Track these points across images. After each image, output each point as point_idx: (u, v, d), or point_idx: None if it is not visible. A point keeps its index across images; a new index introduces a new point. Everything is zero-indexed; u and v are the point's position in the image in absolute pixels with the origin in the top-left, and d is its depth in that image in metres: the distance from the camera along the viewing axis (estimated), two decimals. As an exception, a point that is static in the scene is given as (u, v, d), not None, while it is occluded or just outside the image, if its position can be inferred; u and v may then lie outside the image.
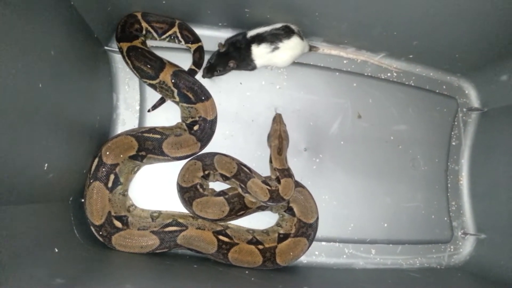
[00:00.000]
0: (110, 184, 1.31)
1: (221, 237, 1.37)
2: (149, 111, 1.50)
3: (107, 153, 1.30)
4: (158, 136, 1.36)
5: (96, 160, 1.30)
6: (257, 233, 1.46)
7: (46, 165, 0.99)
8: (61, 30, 1.01)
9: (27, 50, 0.83)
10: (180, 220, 1.38)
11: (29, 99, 0.85)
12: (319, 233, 1.57)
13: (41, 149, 0.97)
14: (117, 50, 1.43)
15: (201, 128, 1.40)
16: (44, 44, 0.91)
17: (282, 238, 1.44)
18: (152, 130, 1.39)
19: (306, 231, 1.44)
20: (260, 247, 1.40)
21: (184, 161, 1.42)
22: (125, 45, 1.37)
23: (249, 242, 1.41)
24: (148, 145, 1.34)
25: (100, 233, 1.28)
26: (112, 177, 1.31)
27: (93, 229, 1.29)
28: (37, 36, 0.87)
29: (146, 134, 1.36)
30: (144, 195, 1.47)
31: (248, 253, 1.37)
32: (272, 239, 1.44)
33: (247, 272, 1.37)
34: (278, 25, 1.48)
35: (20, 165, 0.89)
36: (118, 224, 1.31)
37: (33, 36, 0.85)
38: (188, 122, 1.42)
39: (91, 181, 1.29)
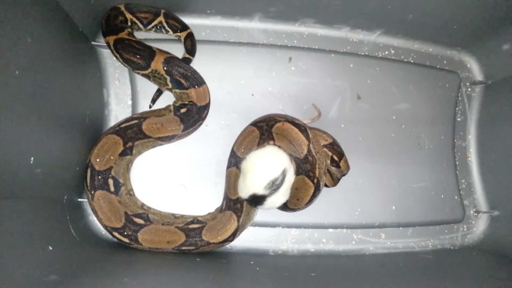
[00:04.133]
0: (112, 189, 1.29)
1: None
2: (150, 106, 1.46)
3: (97, 160, 1.28)
4: (136, 121, 1.33)
5: (89, 170, 1.27)
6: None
7: (32, 158, 0.95)
8: (39, 19, 0.97)
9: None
10: (199, 218, 1.37)
11: (4, 85, 0.81)
12: (325, 220, 1.53)
13: (25, 141, 0.93)
14: (105, 45, 1.39)
15: (188, 111, 1.36)
16: (18, 29, 0.87)
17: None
18: (129, 118, 1.36)
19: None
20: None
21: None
22: (111, 39, 1.34)
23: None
24: (130, 134, 1.31)
25: (125, 233, 1.26)
26: (111, 181, 1.29)
27: (116, 234, 1.26)
28: (10, 20, 0.84)
29: (124, 125, 1.33)
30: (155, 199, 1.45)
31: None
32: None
33: (252, 262, 1.32)
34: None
35: (2, 156, 0.85)
36: (139, 221, 1.29)
37: (5, 19, 0.82)
38: (177, 104, 1.38)
39: (92, 192, 1.26)
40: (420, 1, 1.43)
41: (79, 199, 1.33)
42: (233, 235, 1.34)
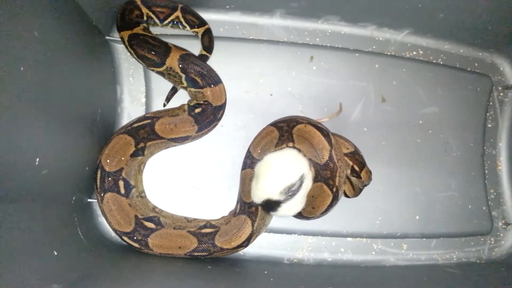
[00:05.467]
0: (123, 191, 1.24)
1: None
2: (164, 105, 1.41)
3: (108, 161, 1.23)
4: (149, 121, 1.27)
5: (99, 171, 1.23)
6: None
7: (37, 159, 0.90)
8: (48, 11, 0.92)
9: (2, 27, 0.74)
10: (213, 222, 1.32)
11: (6, 81, 0.76)
12: (344, 228, 1.46)
13: (30, 141, 0.88)
14: (119, 40, 1.34)
15: (202, 111, 1.30)
16: (24, 23, 0.82)
17: None
18: (141, 117, 1.30)
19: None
20: None
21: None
22: (126, 34, 1.28)
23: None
24: (142, 134, 1.26)
25: (135, 238, 1.21)
26: (121, 183, 1.24)
27: (126, 239, 1.22)
28: (15, 13, 0.78)
29: (136, 124, 1.27)
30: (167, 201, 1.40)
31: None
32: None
33: (266, 272, 1.26)
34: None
35: (5, 157, 0.80)
36: (150, 225, 1.24)
37: (9, 12, 0.76)
38: (191, 104, 1.32)
39: (102, 194, 1.22)
40: (453, 0, 1.33)
41: (89, 200, 1.29)
42: (247, 241, 1.27)
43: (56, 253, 0.96)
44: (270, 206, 1.22)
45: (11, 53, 0.77)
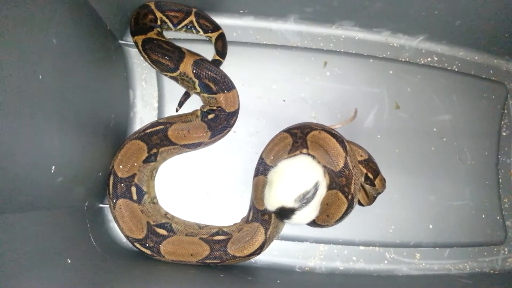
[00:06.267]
0: (135, 197, 1.23)
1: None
2: (177, 110, 1.40)
3: (120, 167, 1.22)
4: (162, 126, 1.26)
5: (111, 177, 1.21)
6: None
7: (53, 167, 0.89)
8: (66, 17, 0.91)
9: (21, 35, 0.73)
10: (225, 229, 1.30)
11: (27, 91, 0.75)
12: (356, 237, 1.44)
13: (46, 150, 0.87)
14: (133, 44, 1.33)
15: (216, 117, 1.29)
16: (43, 31, 0.81)
17: None
18: (154, 123, 1.29)
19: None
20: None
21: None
22: (140, 39, 1.28)
23: None
24: (155, 140, 1.25)
25: (147, 245, 1.20)
26: (134, 189, 1.23)
27: (138, 245, 1.21)
28: (34, 21, 0.77)
29: (149, 130, 1.26)
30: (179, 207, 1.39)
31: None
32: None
33: (278, 281, 1.24)
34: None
35: (22, 168, 0.79)
36: (162, 231, 1.23)
37: (29, 21, 0.75)
38: (204, 110, 1.31)
39: (114, 201, 1.21)
40: (472, 7, 1.32)
41: (100, 205, 1.28)
42: (260, 249, 1.26)
43: (69, 261, 0.95)
44: (284, 213, 1.20)
45: (31, 62, 0.76)
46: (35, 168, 0.83)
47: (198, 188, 1.41)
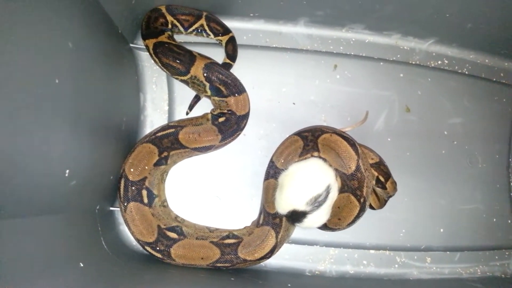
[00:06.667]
0: (146, 200, 1.23)
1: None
2: (187, 113, 1.40)
3: (131, 170, 1.22)
4: (172, 130, 1.26)
5: (122, 181, 1.21)
6: None
7: (67, 171, 0.89)
8: (80, 21, 0.92)
9: (40, 40, 0.73)
10: (235, 233, 1.30)
11: (44, 96, 0.75)
12: (367, 240, 1.43)
13: (61, 154, 0.87)
14: (144, 47, 1.33)
15: (226, 120, 1.29)
16: (60, 34, 0.81)
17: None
18: (165, 126, 1.29)
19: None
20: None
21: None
22: (151, 42, 1.28)
23: None
24: (166, 143, 1.24)
25: (157, 248, 1.20)
26: (144, 192, 1.23)
27: (148, 249, 1.21)
28: (52, 25, 0.77)
29: (160, 133, 1.25)
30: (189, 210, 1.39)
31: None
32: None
33: (289, 285, 1.24)
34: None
35: (38, 172, 0.79)
36: (173, 235, 1.23)
37: (47, 25, 0.75)
38: (215, 113, 1.31)
39: (125, 204, 1.21)
40: (483, 10, 1.31)
41: (110, 208, 1.28)
42: (271, 252, 1.26)
43: (82, 265, 0.95)
44: (296, 217, 1.20)
45: (49, 66, 0.76)
46: (50, 172, 0.83)
47: (208, 191, 1.41)
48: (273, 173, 1.30)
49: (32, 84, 0.71)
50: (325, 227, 1.27)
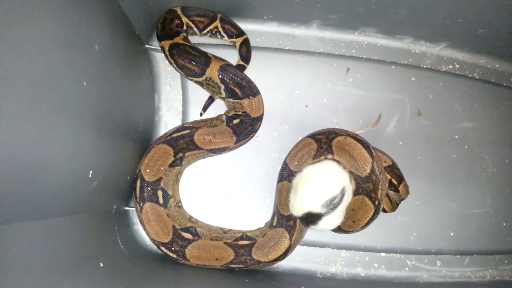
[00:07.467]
0: (161, 201, 1.24)
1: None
2: (201, 114, 1.41)
3: (147, 170, 1.22)
4: (188, 131, 1.26)
5: (138, 181, 1.22)
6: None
7: (91, 172, 0.89)
8: (104, 23, 0.92)
9: (70, 42, 0.74)
10: (249, 234, 1.30)
11: (73, 99, 0.76)
12: (378, 243, 1.44)
13: (86, 155, 0.88)
14: (159, 48, 1.34)
15: (241, 122, 1.29)
16: (88, 37, 0.81)
17: None
18: (180, 128, 1.29)
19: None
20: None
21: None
22: (166, 44, 1.28)
23: None
24: (181, 144, 1.25)
25: (172, 249, 1.20)
26: (160, 193, 1.24)
27: (163, 249, 1.21)
28: (81, 27, 0.78)
29: (175, 134, 1.26)
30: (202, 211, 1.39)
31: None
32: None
33: (302, 287, 1.24)
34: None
35: (65, 173, 0.80)
36: (187, 235, 1.23)
37: (77, 27, 0.76)
38: (229, 114, 1.32)
39: (141, 204, 1.21)
40: (497, 16, 1.32)
41: (126, 208, 1.28)
42: (285, 254, 1.26)
43: (102, 265, 0.95)
44: (311, 219, 1.20)
45: (78, 68, 0.77)
46: (76, 173, 0.84)
47: (221, 192, 1.41)
48: (286, 175, 1.30)
49: (63, 87, 0.71)
50: (339, 229, 1.27)
